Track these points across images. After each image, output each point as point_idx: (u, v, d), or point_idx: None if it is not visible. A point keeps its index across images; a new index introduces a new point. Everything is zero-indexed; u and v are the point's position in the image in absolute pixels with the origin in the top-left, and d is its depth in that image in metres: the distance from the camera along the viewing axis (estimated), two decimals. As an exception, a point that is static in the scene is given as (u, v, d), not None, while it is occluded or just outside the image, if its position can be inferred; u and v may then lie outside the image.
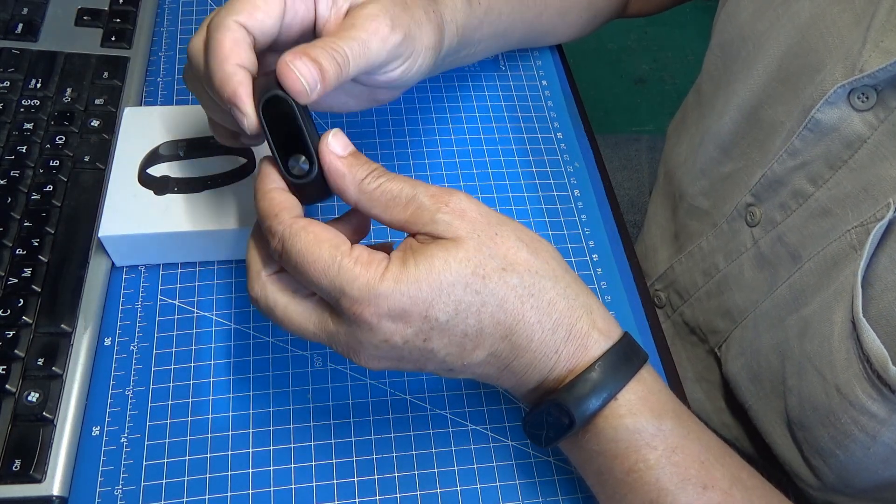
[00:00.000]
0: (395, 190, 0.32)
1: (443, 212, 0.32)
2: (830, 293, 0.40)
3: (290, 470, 0.39)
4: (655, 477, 0.33)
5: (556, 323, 0.33)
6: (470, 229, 0.32)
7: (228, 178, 0.44)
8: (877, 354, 0.36)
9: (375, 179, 0.33)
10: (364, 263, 0.31)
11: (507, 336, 0.32)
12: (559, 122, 0.54)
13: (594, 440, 0.34)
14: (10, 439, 0.37)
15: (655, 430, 0.33)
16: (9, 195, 0.43)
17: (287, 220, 0.32)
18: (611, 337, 0.34)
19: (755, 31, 0.47)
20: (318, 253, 0.31)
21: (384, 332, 0.31)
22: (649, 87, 1.63)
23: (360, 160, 0.33)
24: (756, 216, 0.46)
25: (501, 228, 0.33)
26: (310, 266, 0.31)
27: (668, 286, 0.57)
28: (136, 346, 0.42)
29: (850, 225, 0.39)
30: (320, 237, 0.31)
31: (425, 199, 0.32)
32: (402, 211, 0.32)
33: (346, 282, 0.31)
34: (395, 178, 0.33)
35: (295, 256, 0.31)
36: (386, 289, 0.31)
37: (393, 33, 0.35)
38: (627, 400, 0.33)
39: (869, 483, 0.41)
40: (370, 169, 0.33)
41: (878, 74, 0.37)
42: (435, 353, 0.32)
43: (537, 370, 0.33)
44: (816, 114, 0.40)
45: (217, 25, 0.33)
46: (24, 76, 0.49)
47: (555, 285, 0.33)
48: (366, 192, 0.33)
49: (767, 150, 0.46)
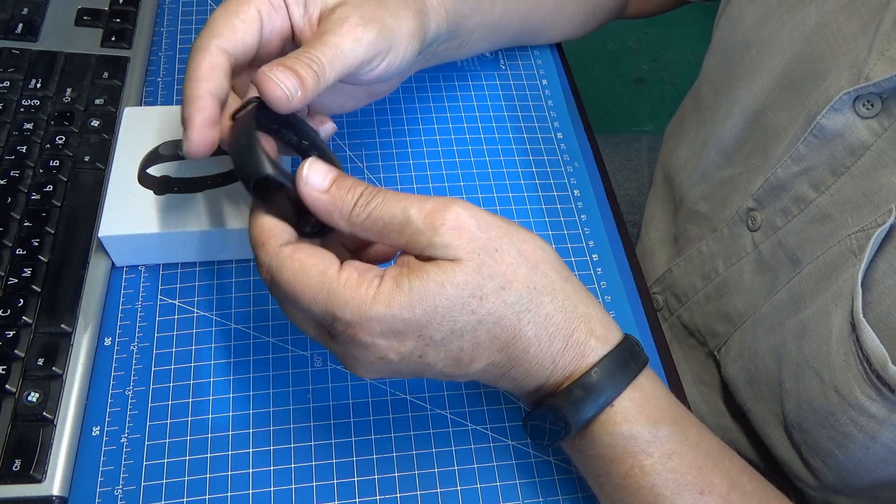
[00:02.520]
0: (386, 217, 0.31)
1: (440, 234, 0.31)
2: (829, 297, 0.40)
3: (290, 470, 0.39)
4: (651, 482, 0.33)
5: (553, 335, 0.33)
6: (470, 249, 0.31)
7: (228, 178, 0.44)
8: (876, 354, 0.36)
9: (365, 208, 0.31)
10: (353, 286, 0.30)
11: (504, 349, 0.33)
12: (559, 122, 0.54)
13: (591, 445, 0.34)
14: (10, 439, 0.37)
15: (651, 437, 0.33)
16: (9, 195, 0.43)
17: (272, 249, 0.32)
18: (609, 343, 0.34)
19: (759, 37, 0.47)
20: (306, 281, 0.31)
21: (379, 350, 0.31)
22: (649, 87, 1.63)
23: (344, 188, 0.32)
24: (757, 221, 0.46)
25: (502, 242, 0.32)
26: (299, 295, 0.31)
27: (667, 289, 0.57)
28: (136, 346, 0.42)
29: (851, 230, 0.39)
30: (306, 264, 0.31)
31: (420, 223, 0.31)
32: (398, 237, 0.31)
33: (336, 307, 0.30)
34: (386, 201, 0.31)
35: (284, 286, 0.31)
36: (378, 312, 0.30)
37: (366, 31, 0.35)
38: (623, 407, 0.33)
39: (868, 483, 0.41)
40: (357, 195, 0.32)
41: (883, 83, 0.37)
42: (432, 366, 0.33)
43: (535, 377, 0.34)
44: (822, 120, 0.40)
45: (198, 49, 0.34)
46: (24, 76, 0.49)
47: (553, 299, 0.33)
48: (357, 223, 0.32)
49: (770, 156, 0.46)
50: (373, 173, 0.50)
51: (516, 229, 0.33)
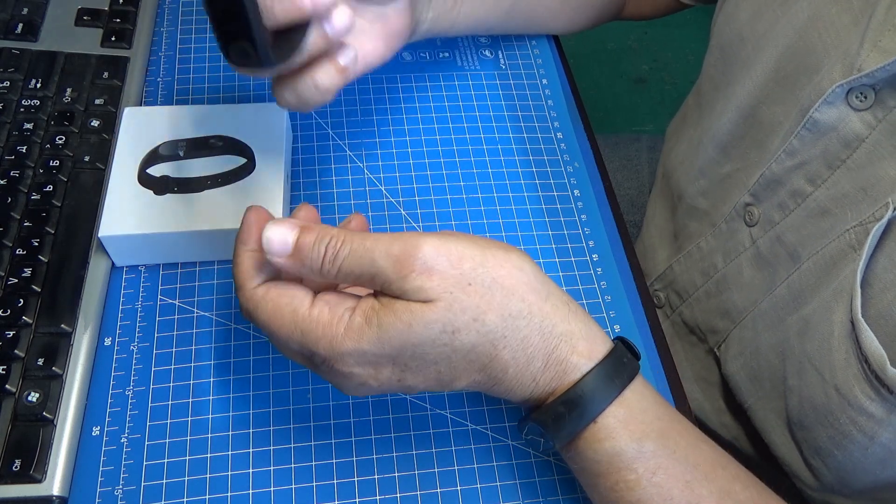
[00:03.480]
0: (356, 269, 0.31)
1: (409, 280, 0.31)
2: (830, 293, 0.40)
3: (291, 470, 0.39)
4: (637, 497, 0.33)
5: (532, 355, 0.33)
6: (441, 290, 0.31)
7: (228, 178, 0.44)
8: (875, 355, 0.36)
9: (333, 263, 0.32)
10: (325, 324, 0.31)
11: (483, 370, 0.33)
12: (559, 122, 0.54)
13: (577, 458, 0.35)
14: (10, 439, 0.37)
15: (635, 453, 0.33)
16: (9, 195, 0.43)
17: (249, 291, 0.33)
18: (593, 358, 0.33)
19: (754, 32, 0.47)
20: (280, 321, 0.32)
21: (358, 377, 0.32)
22: (649, 87, 1.63)
23: (307, 245, 0.32)
24: (755, 216, 0.46)
25: (476, 274, 0.31)
26: (277, 333, 0.32)
27: (667, 286, 0.57)
28: (136, 346, 0.42)
29: (849, 224, 0.39)
30: (279, 304, 0.32)
31: (389, 273, 0.31)
32: (371, 285, 0.32)
33: (311, 343, 0.32)
34: (353, 251, 0.31)
35: (263, 326, 0.33)
36: (349, 348, 0.31)
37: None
38: (606, 424, 0.33)
39: (867, 484, 0.41)
40: (321, 252, 0.32)
41: (877, 74, 0.37)
42: (413, 387, 0.33)
43: (519, 393, 0.34)
44: (815, 113, 0.40)
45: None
46: (24, 76, 0.49)
47: (529, 323, 0.32)
48: (329, 277, 0.32)
49: (766, 151, 0.46)
50: (373, 173, 0.50)
51: (492, 254, 0.32)
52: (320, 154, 0.51)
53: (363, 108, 0.53)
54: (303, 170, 0.50)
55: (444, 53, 0.57)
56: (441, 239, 0.32)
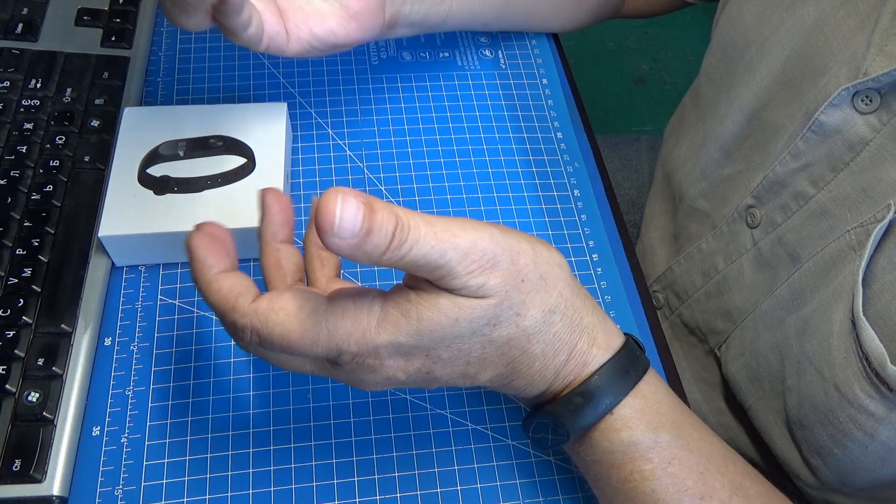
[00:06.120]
0: (420, 261, 0.28)
1: (474, 276, 0.29)
2: (829, 293, 0.40)
3: (291, 470, 0.39)
4: (651, 488, 0.33)
5: (558, 349, 0.33)
6: (500, 287, 0.29)
7: (228, 178, 0.44)
8: (875, 353, 0.36)
9: (398, 251, 0.27)
10: (353, 316, 0.29)
11: (510, 363, 0.32)
12: (559, 122, 0.54)
13: (590, 451, 0.34)
14: (10, 439, 0.37)
15: (651, 443, 0.33)
16: (9, 195, 0.43)
17: (247, 309, 0.29)
18: (610, 349, 0.34)
19: (759, 35, 0.47)
20: (300, 329, 0.29)
21: (387, 370, 0.31)
22: (649, 87, 1.63)
23: (378, 228, 0.26)
24: (757, 218, 0.46)
25: (528, 270, 0.30)
26: (297, 344, 0.29)
27: (667, 287, 0.57)
28: (137, 346, 0.42)
29: (850, 226, 0.39)
30: (290, 310, 0.29)
31: (457, 267, 0.28)
32: (427, 275, 0.29)
33: (340, 341, 0.29)
34: (420, 243, 0.27)
35: (278, 341, 0.29)
36: (384, 340, 0.29)
37: None
38: (623, 414, 0.33)
39: (867, 482, 0.41)
40: (389, 236, 0.26)
41: (882, 78, 0.37)
42: (438, 379, 0.32)
43: (536, 388, 0.34)
44: (820, 116, 0.40)
45: None
46: (24, 76, 0.49)
47: (562, 317, 0.32)
48: (386, 265, 0.28)
49: (769, 153, 0.46)
50: (373, 173, 0.50)
51: (540, 249, 0.32)
52: (320, 154, 0.51)
53: (363, 108, 0.53)
54: (303, 170, 0.50)
55: (444, 53, 0.57)
56: (501, 231, 0.30)
